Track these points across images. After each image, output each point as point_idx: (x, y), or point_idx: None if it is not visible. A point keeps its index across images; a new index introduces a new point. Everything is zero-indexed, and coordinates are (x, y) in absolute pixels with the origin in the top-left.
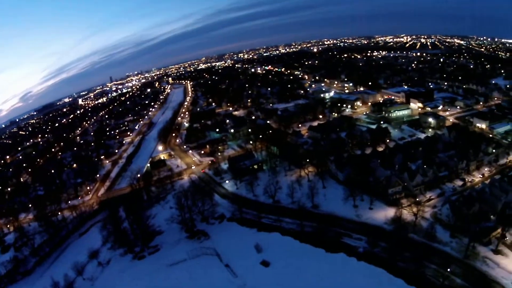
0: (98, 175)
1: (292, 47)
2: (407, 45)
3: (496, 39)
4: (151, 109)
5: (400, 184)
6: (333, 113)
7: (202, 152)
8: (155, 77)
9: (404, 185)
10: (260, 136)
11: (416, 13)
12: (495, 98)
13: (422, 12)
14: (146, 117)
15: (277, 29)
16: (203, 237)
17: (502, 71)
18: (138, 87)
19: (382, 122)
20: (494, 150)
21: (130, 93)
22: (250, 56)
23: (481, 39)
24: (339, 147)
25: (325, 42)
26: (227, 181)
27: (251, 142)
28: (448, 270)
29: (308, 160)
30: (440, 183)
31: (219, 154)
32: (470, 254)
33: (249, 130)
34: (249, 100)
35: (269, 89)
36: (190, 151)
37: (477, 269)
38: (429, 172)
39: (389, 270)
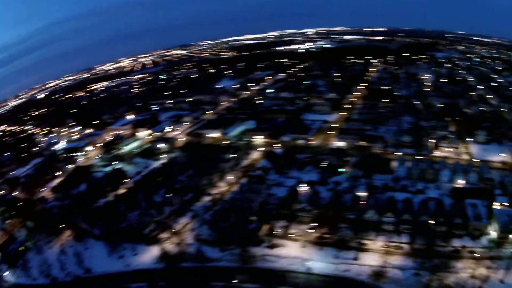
0: None
1: (20, 97)
2: (127, 69)
3: (217, 40)
4: None
5: (152, 221)
6: (69, 165)
7: None
8: None
9: (156, 220)
10: (14, 213)
11: (134, 33)
12: (224, 102)
13: (141, 31)
14: None
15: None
16: None
17: (228, 72)
18: None
19: (115, 162)
20: (233, 155)
21: None
22: None
23: (202, 44)
24: (84, 202)
25: (49, 85)
26: (6, 273)
27: (8, 221)
28: (234, 281)
29: (62, 225)
30: (190, 206)
31: None
32: (247, 259)
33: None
34: None
35: (5, 154)
36: None
37: (262, 269)
38: (175, 200)
39: None
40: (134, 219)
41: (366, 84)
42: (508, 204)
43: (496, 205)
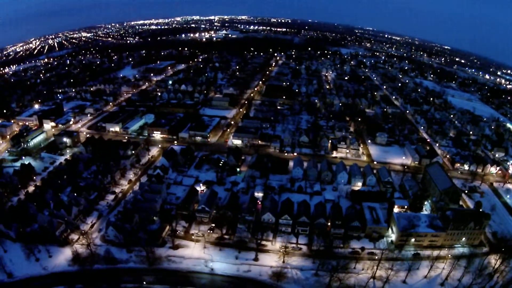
0: None
1: None
2: (36, 51)
3: (124, 23)
4: None
5: (62, 222)
6: None
7: None
8: None
9: (65, 221)
10: None
11: (46, 12)
12: (125, 93)
13: (53, 9)
14: None
15: None
16: None
17: (130, 59)
18: None
19: (24, 157)
20: (133, 152)
21: None
22: None
23: (109, 27)
24: None
25: None
26: None
27: None
28: (144, 282)
29: None
30: (94, 205)
31: None
32: (153, 260)
33: None
34: None
35: None
36: None
37: (169, 270)
38: (81, 200)
39: None
40: (45, 220)
41: (266, 79)
42: (407, 207)
43: (396, 209)
